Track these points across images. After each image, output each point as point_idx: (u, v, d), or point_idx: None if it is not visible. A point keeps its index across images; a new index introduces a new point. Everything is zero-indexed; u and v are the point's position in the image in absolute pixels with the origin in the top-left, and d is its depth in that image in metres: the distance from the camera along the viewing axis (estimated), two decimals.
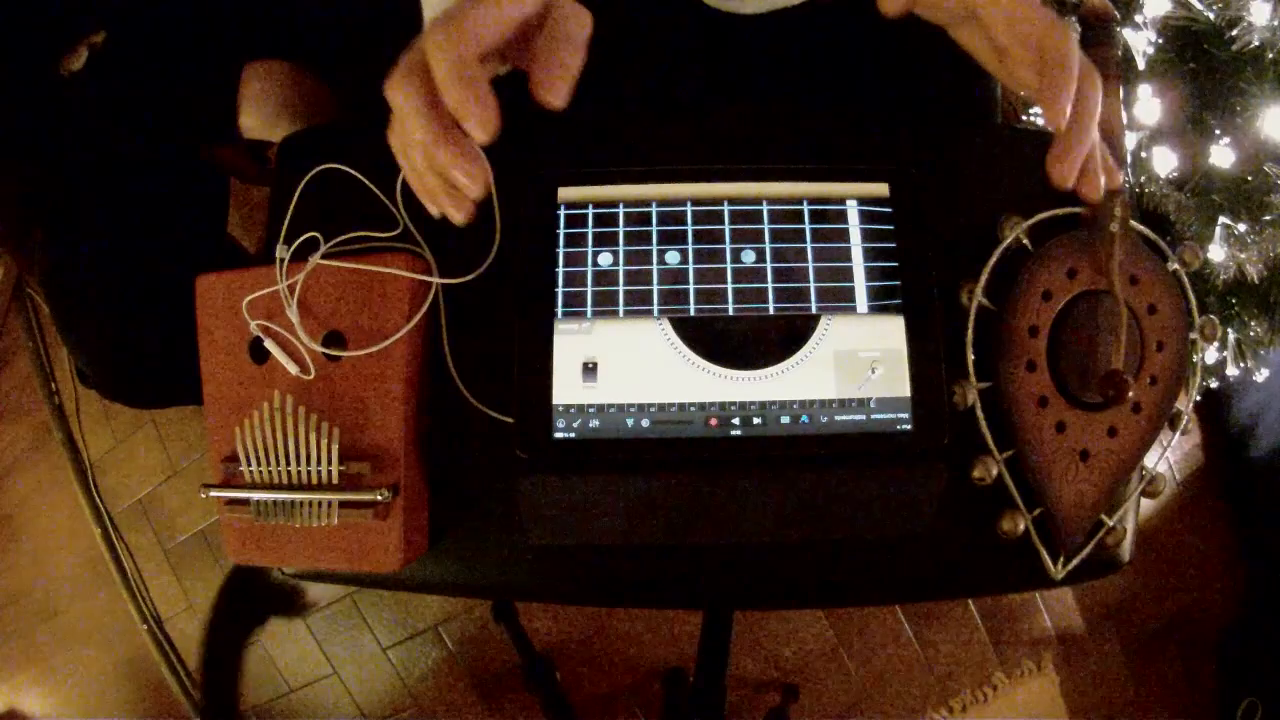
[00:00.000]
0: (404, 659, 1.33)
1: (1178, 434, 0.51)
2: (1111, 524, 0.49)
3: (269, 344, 0.50)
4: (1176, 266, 0.51)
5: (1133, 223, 0.50)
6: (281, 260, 0.51)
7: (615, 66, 0.46)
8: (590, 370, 0.49)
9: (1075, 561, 0.49)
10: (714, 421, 0.49)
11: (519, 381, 0.49)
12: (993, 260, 0.50)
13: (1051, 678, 1.25)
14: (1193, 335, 0.51)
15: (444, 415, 0.52)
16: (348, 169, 0.55)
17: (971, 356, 0.49)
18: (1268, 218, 0.74)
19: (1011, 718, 1.24)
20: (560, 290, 0.50)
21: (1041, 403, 0.49)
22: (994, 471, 0.48)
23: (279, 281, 0.50)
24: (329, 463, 0.48)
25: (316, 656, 1.37)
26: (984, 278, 0.50)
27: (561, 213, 0.52)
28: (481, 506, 0.52)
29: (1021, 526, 0.48)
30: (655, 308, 0.50)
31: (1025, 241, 0.50)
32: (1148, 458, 0.50)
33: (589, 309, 0.50)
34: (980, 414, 0.49)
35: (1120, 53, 0.50)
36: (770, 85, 0.51)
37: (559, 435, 0.49)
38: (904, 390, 0.49)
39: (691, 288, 0.50)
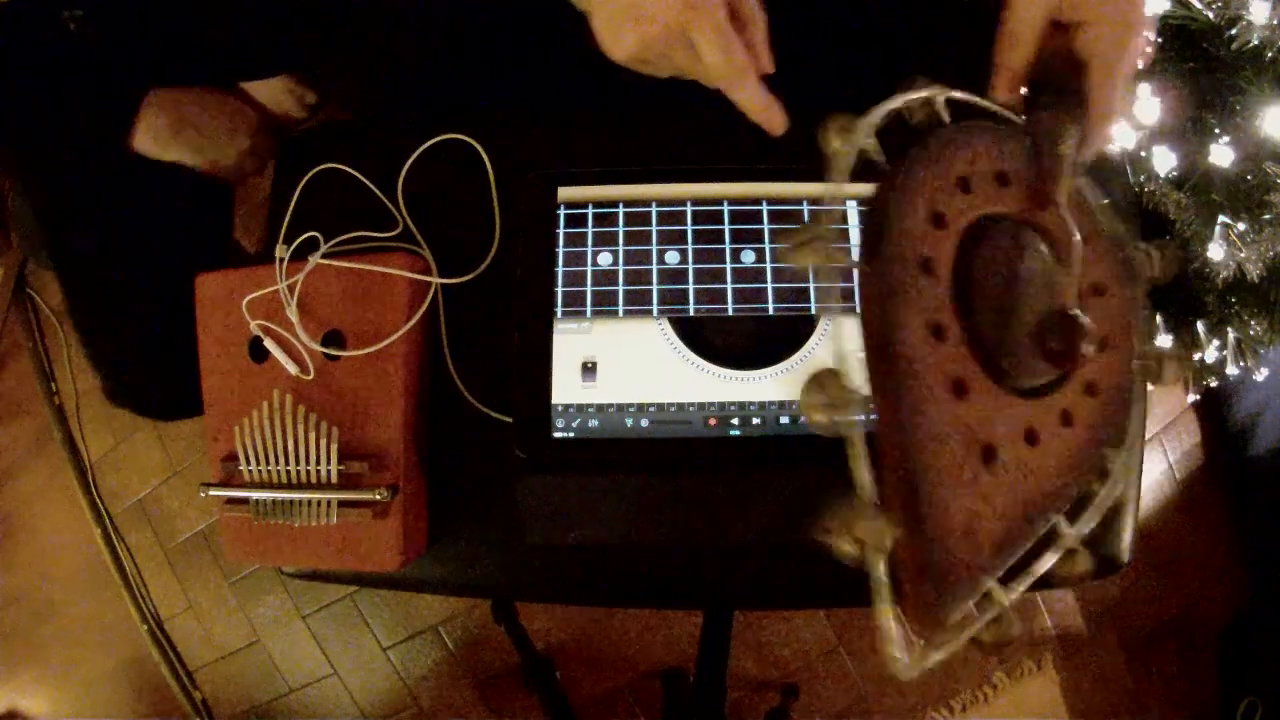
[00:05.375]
0: (404, 659, 1.33)
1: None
2: (1005, 602, 0.30)
3: (268, 343, 0.50)
4: (1140, 253, 0.40)
5: (1083, 180, 0.39)
6: (281, 260, 0.51)
7: (615, 66, 0.46)
8: (589, 370, 0.49)
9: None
10: (713, 421, 0.49)
11: (518, 381, 0.49)
12: (883, 110, 0.35)
13: (1052, 678, 1.25)
14: (1137, 359, 0.38)
15: (444, 415, 0.52)
16: (348, 169, 0.55)
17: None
18: (1267, 217, 0.74)
19: (1011, 718, 1.24)
20: (560, 290, 0.50)
21: (937, 333, 0.32)
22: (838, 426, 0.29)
23: (279, 281, 0.50)
24: (328, 462, 0.48)
25: (316, 656, 1.36)
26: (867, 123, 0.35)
27: (561, 212, 0.52)
28: (481, 506, 0.52)
29: (858, 549, 0.28)
30: (655, 307, 0.50)
31: (942, 113, 0.37)
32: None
33: (588, 309, 0.50)
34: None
35: None
36: (771, 86, 0.51)
37: (558, 435, 0.49)
38: None
39: (691, 288, 0.50)
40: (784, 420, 0.49)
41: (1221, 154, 0.75)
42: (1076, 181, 0.38)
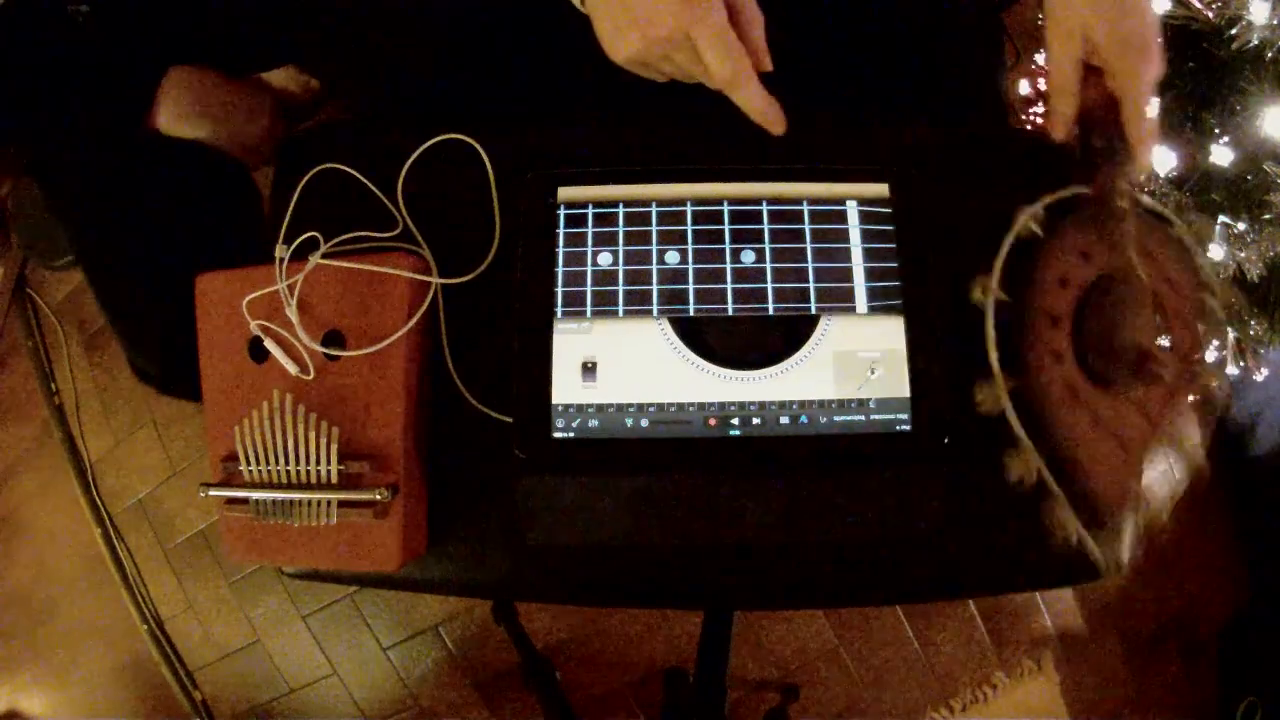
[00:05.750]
0: (404, 659, 1.33)
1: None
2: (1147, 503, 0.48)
3: (268, 343, 0.50)
4: (1186, 235, 0.50)
5: (1141, 197, 0.49)
6: (281, 260, 0.51)
7: (616, 67, 0.46)
8: (589, 370, 0.49)
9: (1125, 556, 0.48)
10: (713, 421, 0.49)
11: (518, 381, 0.49)
12: (1004, 250, 0.48)
13: (1051, 678, 1.25)
14: (1210, 300, 0.49)
15: (444, 415, 0.52)
16: (348, 169, 0.55)
17: (996, 354, 0.47)
18: (1267, 217, 0.74)
19: (1011, 718, 1.24)
20: (560, 290, 0.50)
21: (1073, 394, 0.47)
22: (1035, 472, 0.46)
23: (279, 281, 0.50)
24: (328, 462, 0.48)
25: (316, 656, 1.37)
26: (998, 270, 0.48)
27: (561, 212, 0.52)
28: (481, 506, 0.52)
29: (1073, 531, 0.46)
30: (655, 308, 0.50)
31: (1035, 228, 0.49)
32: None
33: (589, 309, 0.50)
34: (1013, 414, 0.46)
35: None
36: (771, 85, 0.51)
37: (558, 435, 0.49)
38: (903, 390, 0.49)
39: (691, 288, 0.50)
40: (784, 420, 0.49)
41: (1221, 154, 0.75)
42: (1142, 202, 0.50)
